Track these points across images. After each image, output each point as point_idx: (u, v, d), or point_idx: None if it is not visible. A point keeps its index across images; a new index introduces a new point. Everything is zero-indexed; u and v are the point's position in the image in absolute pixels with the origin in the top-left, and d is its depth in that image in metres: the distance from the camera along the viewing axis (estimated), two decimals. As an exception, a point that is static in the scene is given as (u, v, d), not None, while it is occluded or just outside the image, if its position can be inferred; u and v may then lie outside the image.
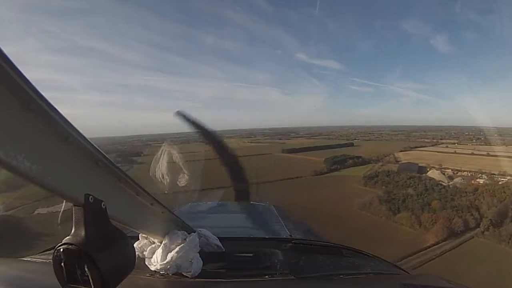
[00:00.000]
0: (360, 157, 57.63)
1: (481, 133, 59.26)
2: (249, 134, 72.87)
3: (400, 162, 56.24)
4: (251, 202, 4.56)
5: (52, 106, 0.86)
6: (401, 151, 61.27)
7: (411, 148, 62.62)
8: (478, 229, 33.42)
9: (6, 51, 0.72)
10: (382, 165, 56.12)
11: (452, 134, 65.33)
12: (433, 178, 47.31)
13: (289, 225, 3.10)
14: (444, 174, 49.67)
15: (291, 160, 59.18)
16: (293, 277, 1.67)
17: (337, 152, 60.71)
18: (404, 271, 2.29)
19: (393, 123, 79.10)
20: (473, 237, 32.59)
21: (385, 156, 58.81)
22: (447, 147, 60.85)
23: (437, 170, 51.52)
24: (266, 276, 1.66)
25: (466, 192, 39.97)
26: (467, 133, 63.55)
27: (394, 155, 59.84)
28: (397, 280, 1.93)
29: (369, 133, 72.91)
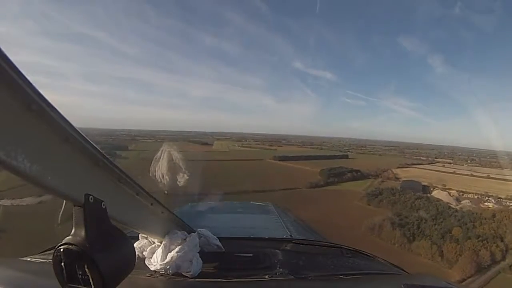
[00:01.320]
0: (358, 171, 55.36)
1: (474, 155, 57.48)
2: (240, 137, 69.85)
3: (402, 180, 53.26)
4: (251, 202, 4.54)
5: (53, 107, 0.86)
6: (398, 167, 58.90)
7: (408, 165, 61.71)
8: (503, 262, 28.81)
9: (3, 31, 0.77)
10: (382, 181, 53.36)
11: (445, 153, 64.72)
12: (441, 200, 43.10)
13: (289, 225, 3.07)
14: (450, 195, 45.62)
15: (284, 168, 55.28)
16: (293, 277, 1.65)
17: (332, 163, 58.03)
18: (404, 271, 2.24)
19: (384, 138, 77.34)
20: (500, 272, 27.92)
21: (383, 172, 56.28)
22: (444, 166, 59.02)
23: (442, 191, 47.85)
24: (266, 276, 1.64)
25: (485, 219, 35.23)
26: (459, 153, 62.92)
27: (392, 171, 57.37)
28: (397, 280, 1.89)
29: (362, 146, 71.85)
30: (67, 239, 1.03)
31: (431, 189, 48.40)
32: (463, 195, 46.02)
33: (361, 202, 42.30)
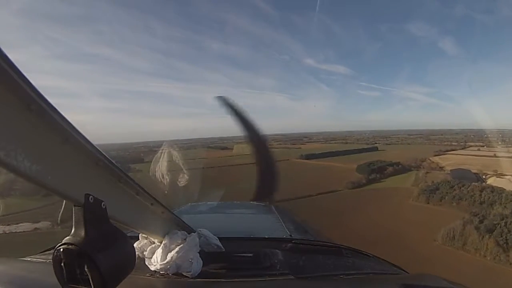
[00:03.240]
0: (399, 163, 48.68)
1: (500, 135, 53.20)
2: None
3: (446, 169, 47.28)
4: (251, 202, 4.53)
5: (53, 107, 0.87)
6: (435, 155, 53.53)
7: (443, 152, 55.23)
8: None
9: (13, 57, 0.74)
10: (427, 173, 46.65)
11: (472, 136, 60.29)
12: (504, 188, 36.75)
13: (289, 225, 3.06)
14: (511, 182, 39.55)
15: (315, 167, 49.23)
16: (293, 277, 1.66)
17: (364, 157, 52.44)
18: (404, 271, 2.24)
19: (405, 127, 72.81)
20: None
21: (422, 162, 50.71)
22: (479, 150, 53.74)
23: (498, 177, 42.33)
24: (266, 276, 1.65)
25: None
26: (485, 135, 56.56)
27: (431, 160, 51.80)
28: (397, 280, 1.90)
29: (386, 137, 68.10)
30: (67, 239, 1.03)
31: (484, 176, 41.92)
32: (520, 180, 39.66)
33: (417, 201, 34.74)
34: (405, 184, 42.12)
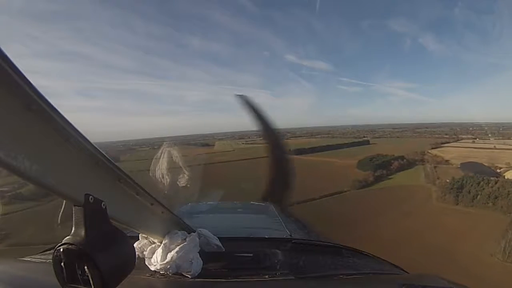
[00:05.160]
0: (403, 157, 43.17)
1: (486, 128, 52.15)
2: (242, 135, 61.65)
3: (451, 163, 43.20)
4: (251, 202, 4.55)
5: (53, 107, 0.87)
6: (433, 148, 49.45)
7: (439, 145, 51.19)
8: None
9: None
10: (435, 167, 41.97)
11: (457, 129, 57.52)
12: None
13: (289, 225, 3.03)
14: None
15: (308, 163, 42.29)
16: (293, 277, 1.65)
17: (358, 151, 47.73)
18: (404, 271, 2.23)
19: (387, 122, 70.15)
20: None
21: (423, 155, 46.75)
22: (474, 142, 50.32)
23: None
24: (266, 276, 1.64)
25: None
26: (471, 128, 55.76)
27: (431, 153, 47.79)
28: (397, 280, 1.88)
29: (371, 131, 63.84)
30: (67, 239, 1.03)
31: (498, 170, 36.89)
32: (536, 174, 35.45)
33: (443, 201, 29.04)
34: (417, 181, 37.08)
